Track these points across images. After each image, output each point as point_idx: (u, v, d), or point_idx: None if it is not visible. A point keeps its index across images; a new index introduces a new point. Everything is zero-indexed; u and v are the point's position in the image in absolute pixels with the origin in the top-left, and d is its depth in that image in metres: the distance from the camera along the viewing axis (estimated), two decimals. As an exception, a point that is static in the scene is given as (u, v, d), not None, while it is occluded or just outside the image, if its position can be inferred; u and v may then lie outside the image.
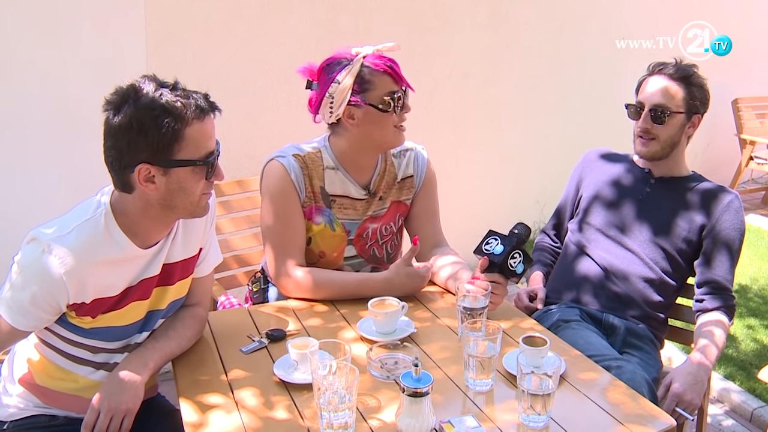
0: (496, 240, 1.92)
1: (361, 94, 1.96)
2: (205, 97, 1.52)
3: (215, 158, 1.54)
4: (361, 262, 2.16)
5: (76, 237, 1.51)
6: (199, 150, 1.50)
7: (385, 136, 2.03)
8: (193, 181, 1.53)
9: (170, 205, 1.54)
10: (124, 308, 1.63)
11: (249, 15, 3.34)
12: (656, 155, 2.23)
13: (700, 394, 1.97)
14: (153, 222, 1.59)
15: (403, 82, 1.99)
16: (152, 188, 1.51)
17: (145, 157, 1.47)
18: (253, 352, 1.74)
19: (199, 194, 1.56)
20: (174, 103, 1.45)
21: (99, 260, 1.53)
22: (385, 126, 2.00)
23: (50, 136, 2.91)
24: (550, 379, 1.41)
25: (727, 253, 2.16)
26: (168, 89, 1.48)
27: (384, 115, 1.98)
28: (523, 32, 4.49)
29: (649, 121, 2.19)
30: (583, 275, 2.28)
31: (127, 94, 1.46)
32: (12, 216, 2.77)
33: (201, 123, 1.49)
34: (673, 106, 2.18)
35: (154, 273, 1.65)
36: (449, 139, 4.26)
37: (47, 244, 1.48)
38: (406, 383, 1.32)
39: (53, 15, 2.82)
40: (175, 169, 1.49)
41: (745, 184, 6.28)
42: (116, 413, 1.52)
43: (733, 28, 4.88)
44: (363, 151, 2.08)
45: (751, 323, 3.74)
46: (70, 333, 1.62)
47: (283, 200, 2.03)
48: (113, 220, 1.55)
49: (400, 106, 1.99)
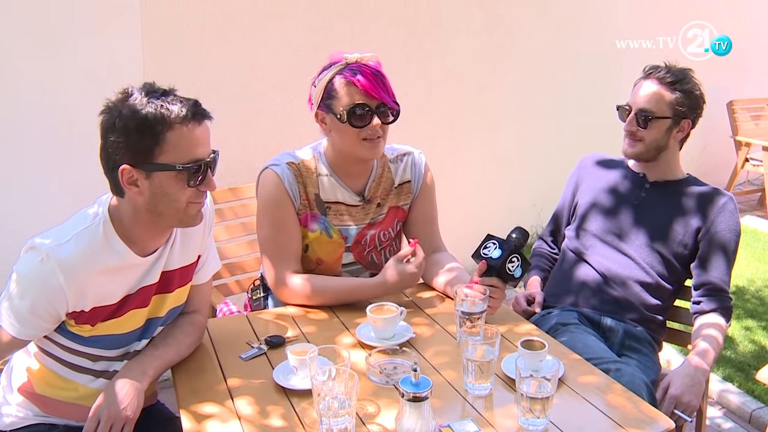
0: (495, 244, 1.92)
1: (327, 101, 1.97)
2: (195, 104, 1.51)
3: (203, 166, 1.52)
4: (359, 269, 2.16)
5: (74, 245, 1.51)
6: (182, 156, 1.49)
7: (351, 147, 2.00)
8: (177, 188, 1.51)
9: (156, 210, 1.53)
10: (123, 316, 1.63)
11: (245, 22, 3.35)
12: (642, 156, 2.25)
13: (699, 396, 1.97)
14: (146, 229, 1.58)
15: (374, 96, 1.93)
16: (136, 191, 1.51)
17: (128, 159, 1.48)
18: (253, 359, 1.74)
19: (185, 202, 1.53)
20: (159, 106, 1.46)
21: (98, 269, 1.53)
22: (349, 137, 1.97)
23: (47, 146, 2.91)
24: (548, 382, 1.42)
25: (723, 255, 2.17)
26: (157, 95, 1.49)
27: (344, 126, 1.96)
28: (519, 36, 4.51)
29: (634, 124, 2.22)
30: (581, 281, 2.29)
31: (117, 98, 1.49)
32: (9, 226, 2.77)
33: (186, 128, 1.48)
34: (657, 111, 2.19)
35: (153, 281, 1.65)
36: (445, 143, 4.27)
37: (46, 252, 1.48)
38: (406, 388, 1.32)
39: (48, 25, 2.82)
40: (157, 174, 1.49)
41: (741, 185, 6.29)
42: (116, 421, 1.52)
43: (727, 30, 4.90)
44: (345, 158, 2.06)
45: (748, 325, 3.74)
46: (69, 341, 1.62)
47: (277, 209, 2.03)
48: (111, 228, 1.55)
49: (362, 121, 1.94)
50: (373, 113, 1.95)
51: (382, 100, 1.95)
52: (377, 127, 1.96)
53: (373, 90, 1.93)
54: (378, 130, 1.97)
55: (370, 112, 1.95)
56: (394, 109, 1.98)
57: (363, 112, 1.94)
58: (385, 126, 1.99)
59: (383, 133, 2.00)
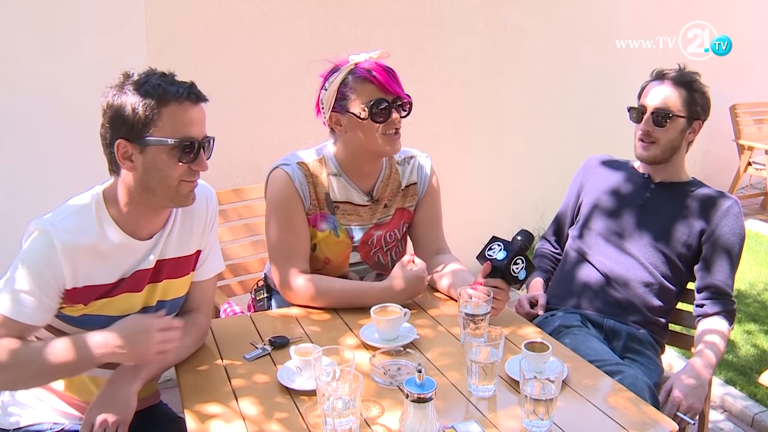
0: (500, 246, 1.92)
1: (342, 101, 1.99)
2: (191, 85, 1.57)
3: (196, 146, 1.56)
4: (366, 269, 2.17)
5: (70, 222, 1.55)
6: (175, 132, 1.53)
7: (372, 144, 2.01)
8: (169, 163, 1.55)
9: (148, 187, 1.57)
10: (116, 297, 1.63)
11: (249, 24, 3.36)
12: (656, 159, 2.25)
13: (701, 398, 1.97)
14: (140, 209, 1.61)
15: (390, 90, 1.97)
16: (130, 166, 1.55)
17: (123, 133, 1.53)
18: (257, 359, 1.74)
19: (177, 179, 1.57)
20: (156, 85, 1.51)
21: (90, 248, 1.56)
22: (369, 134, 2.00)
23: (55, 144, 2.91)
24: (552, 384, 1.42)
25: (727, 258, 2.17)
26: (156, 75, 1.55)
27: (365, 123, 1.98)
28: (521, 39, 4.51)
29: (650, 124, 2.21)
30: (584, 281, 2.29)
31: (118, 78, 1.55)
32: (23, 222, 2.77)
33: (180, 106, 1.53)
34: (675, 109, 2.20)
35: (149, 266, 1.66)
36: (449, 146, 4.27)
37: (43, 228, 1.53)
38: (410, 389, 1.32)
39: (53, 27, 2.82)
40: (150, 148, 1.53)
41: (744, 189, 6.29)
42: (108, 424, 1.52)
43: (730, 34, 4.90)
44: (359, 157, 2.08)
45: (750, 328, 3.74)
46: (62, 323, 1.62)
47: (287, 208, 2.04)
48: (105, 210, 1.60)
49: (383, 116, 1.97)
50: (392, 107, 1.98)
51: (397, 93, 1.99)
52: (396, 120, 2.00)
53: (389, 84, 1.96)
54: (397, 124, 2.01)
55: (388, 106, 1.98)
56: (408, 101, 2.02)
57: (383, 106, 1.97)
58: (401, 120, 2.03)
59: (400, 127, 2.03)
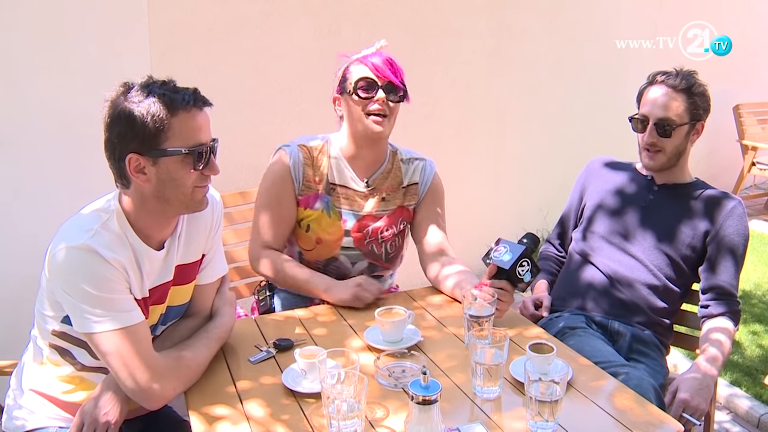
0: (505, 248, 1.93)
1: (342, 84, 2.12)
2: (195, 91, 1.56)
3: (206, 150, 1.56)
4: (358, 255, 2.20)
5: (104, 237, 1.52)
6: (187, 140, 1.53)
7: (357, 123, 2.10)
8: (183, 172, 1.55)
9: (164, 196, 1.56)
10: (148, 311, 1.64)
11: (252, 26, 3.36)
12: (664, 166, 2.25)
13: (707, 399, 1.97)
14: (152, 216, 1.61)
15: (381, 74, 2.05)
16: (143, 179, 1.54)
17: (134, 147, 1.51)
18: (261, 362, 1.74)
19: (191, 186, 1.58)
20: (161, 95, 1.50)
21: (129, 259, 1.56)
22: (355, 111, 2.09)
23: (59, 149, 2.91)
24: (557, 385, 1.42)
25: (731, 258, 2.17)
26: (158, 85, 1.53)
27: (352, 100, 2.08)
28: (524, 42, 4.51)
29: (655, 135, 2.20)
30: (588, 283, 2.29)
31: (118, 91, 1.53)
32: (25, 230, 2.78)
33: (188, 114, 1.53)
34: (678, 118, 2.19)
35: (170, 278, 1.68)
36: (452, 148, 4.27)
37: (85, 244, 1.48)
38: (415, 391, 1.32)
39: (56, 32, 2.82)
40: (164, 159, 1.52)
41: (748, 190, 6.28)
42: (97, 426, 1.54)
43: (733, 34, 4.90)
44: (355, 141, 2.16)
45: (755, 329, 3.73)
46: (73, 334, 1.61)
47: (276, 185, 2.15)
48: (126, 222, 1.58)
49: (366, 92, 2.05)
50: (378, 87, 2.06)
51: (389, 79, 2.06)
52: (381, 101, 2.06)
53: (381, 69, 2.06)
54: (384, 108, 2.06)
55: (374, 84, 2.06)
56: (400, 88, 2.08)
57: (369, 84, 2.05)
58: (393, 106, 2.09)
59: (390, 114, 2.09)
